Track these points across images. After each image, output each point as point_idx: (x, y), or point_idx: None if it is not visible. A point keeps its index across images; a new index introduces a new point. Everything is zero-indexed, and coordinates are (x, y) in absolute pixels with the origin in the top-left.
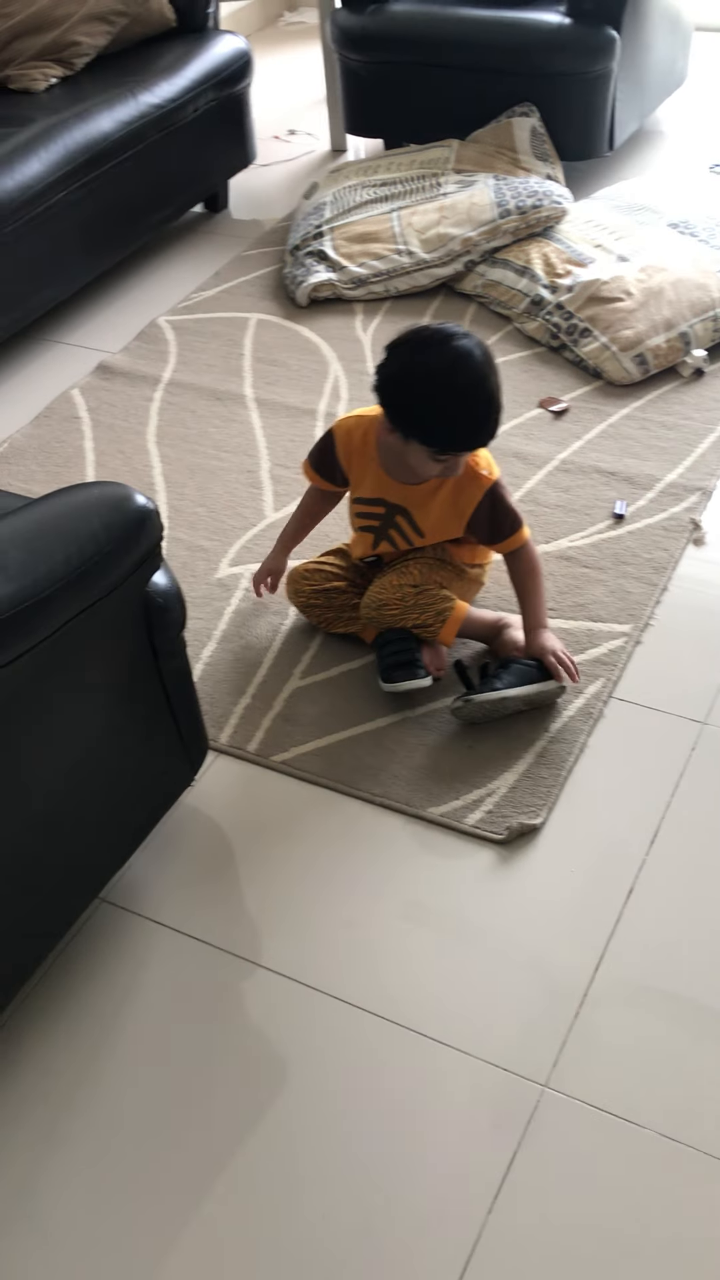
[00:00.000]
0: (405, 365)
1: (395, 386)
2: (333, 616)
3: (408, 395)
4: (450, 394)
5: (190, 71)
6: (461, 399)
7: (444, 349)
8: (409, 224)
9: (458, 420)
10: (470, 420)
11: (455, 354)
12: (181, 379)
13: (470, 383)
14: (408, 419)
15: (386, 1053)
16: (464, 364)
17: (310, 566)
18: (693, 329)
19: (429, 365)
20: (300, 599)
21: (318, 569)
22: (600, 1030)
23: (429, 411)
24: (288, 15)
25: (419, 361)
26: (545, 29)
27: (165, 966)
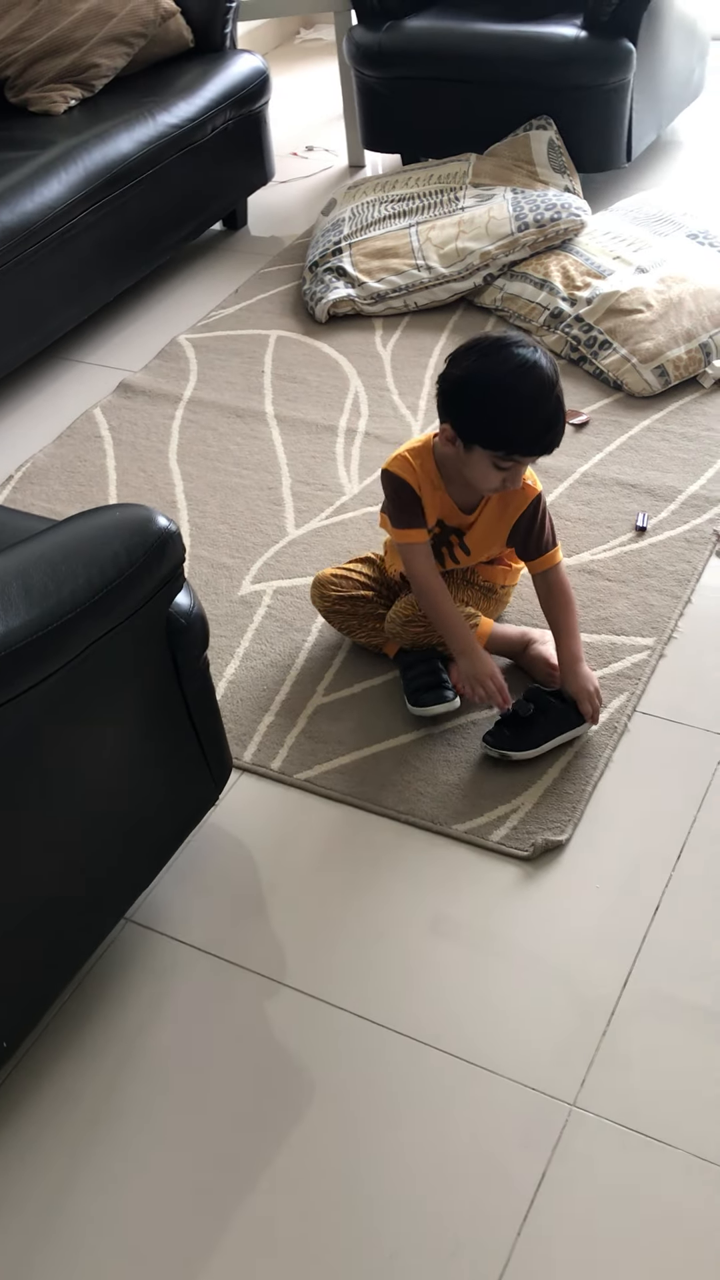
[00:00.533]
0: (474, 369)
1: (463, 390)
2: (356, 625)
3: (477, 397)
4: (520, 394)
5: (208, 91)
6: (531, 399)
7: (513, 353)
8: (427, 239)
9: (527, 421)
10: (539, 421)
11: (523, 358)
12: (202, 397)
13: (540, 384)
14: (476, 423)
15: (414, 1072)
16: (533, 367)
17: (339, 573)
18: (713, 340)
19: (499, 368)
20: (325, 604)
21: (345, 576)
22: (629, 1048)
23: (499, 413)
24: (304, 32)
25: (488, 365)
26: (562, 42)
27: (190, 986)
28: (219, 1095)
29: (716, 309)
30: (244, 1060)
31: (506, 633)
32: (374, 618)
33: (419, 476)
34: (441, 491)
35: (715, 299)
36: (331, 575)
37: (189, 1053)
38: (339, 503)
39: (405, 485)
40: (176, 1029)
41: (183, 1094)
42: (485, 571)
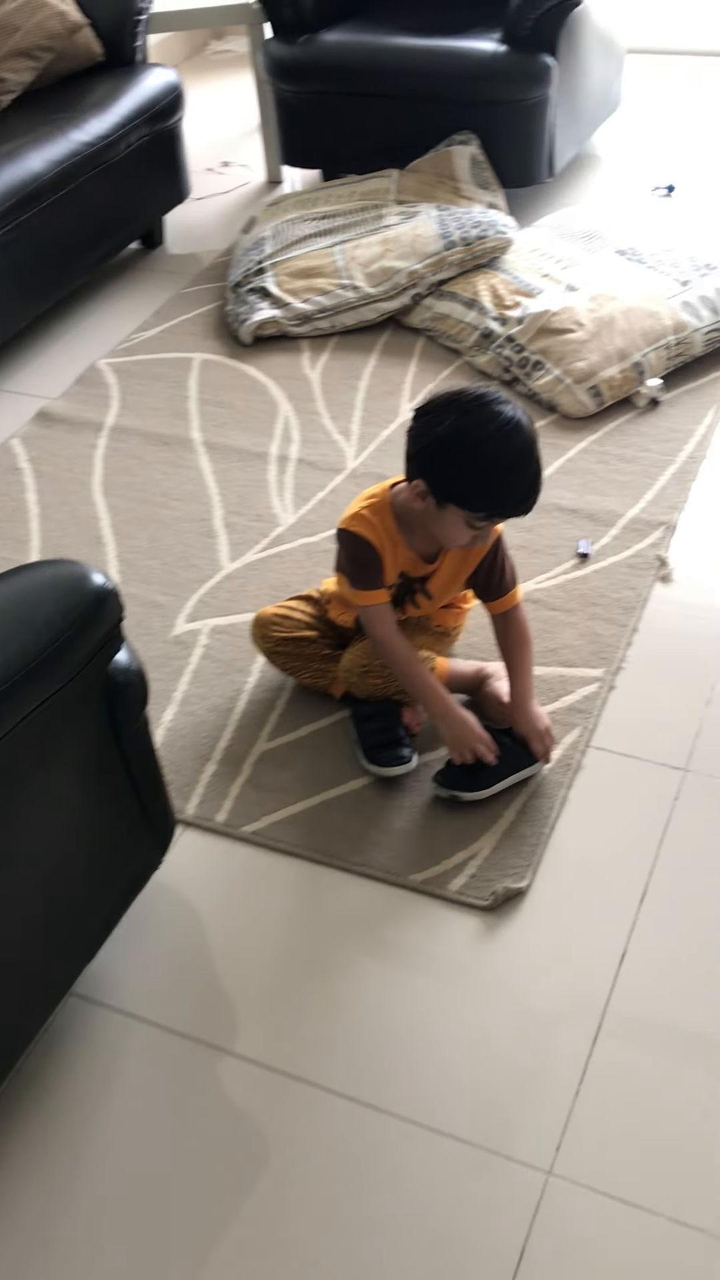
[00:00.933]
0: (457, 429)
1: (445, 450)
2: (300, 666)
3: (460, 459)
4: (505, 458)
5: (121, 107)
6: (517, 463)
7: (494, 411)
8: (352, 258)
9: (512, 485)
10: (524, 485)
11: (506, 417)
12: (126, 424)
13: (524, 446)
14: (456, 484)
15: (380, 1144)
16: (517, 429)
17: (281, 612)
18: (646, 358)
19: (482, 428)
20: (268, 645)
21: (287, 615)
22: (603, 1108)
23: (483, 476)
24: (214, 44)
25: (472, 424)
26: (481, 57)
27: (140, 1062)
28: (172, 1175)
29: (648, 327)
30: (198, 1139)
31: (462, 670)
32: (319, 658)
33: (380, 534)
34: (402, 546)
35: (646, 317)
36: (274, 614)
37: (140, 1132)
38: (275, 534)
39: (367, 545)
40: (126, 1108)
41: (135, 1176)
42: (439, 616)
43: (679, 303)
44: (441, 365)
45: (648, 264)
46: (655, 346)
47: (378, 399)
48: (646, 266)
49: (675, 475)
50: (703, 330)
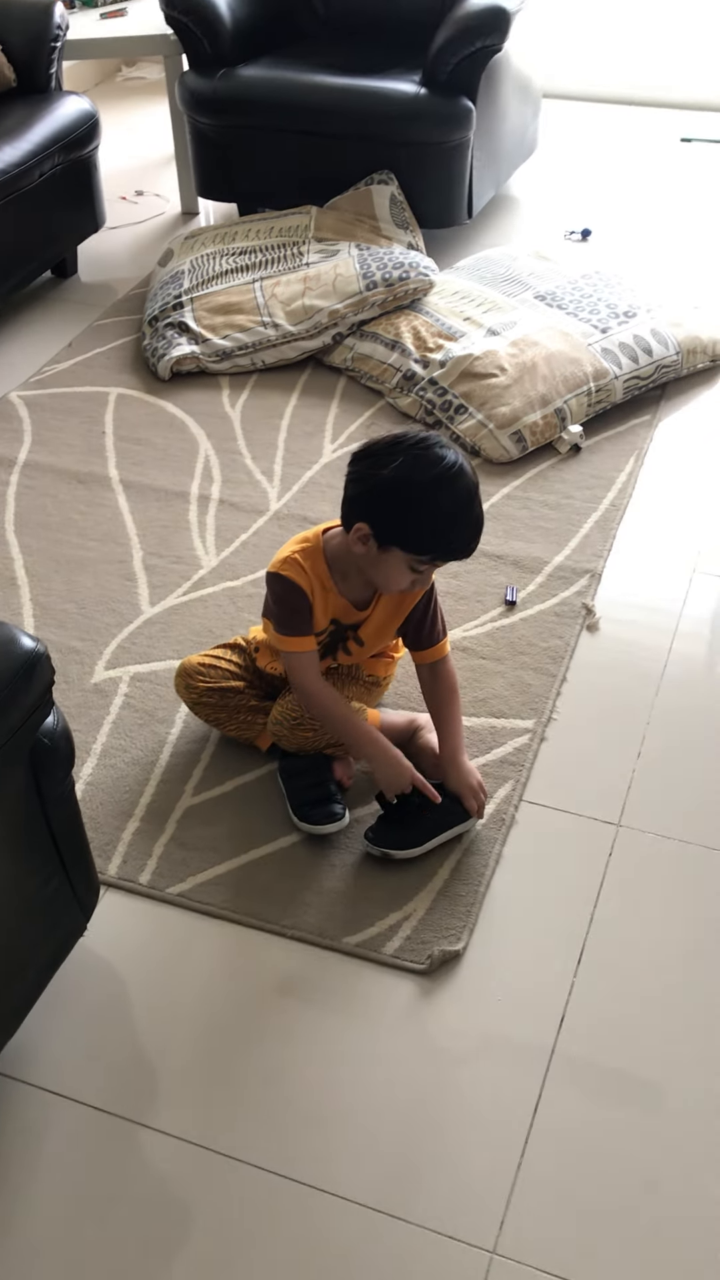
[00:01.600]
0: (403, 472)
1: (393, 493)
2: (225, 718)
3: (406, 502)
4: (452, 501)
5: (34, 135)
6: (462, 506)
7: (438, 454)
8: (273, 295)
9: (459, 527)
10: (470, 527)
11: (452, 462)
12: (39, 460)
13: (469, 489)
14: (403, 527)
15: (316, 1223)
16: (461, 472)
17: (206, 661)
18: (568, 404)
19: (427, 471)
20: (193, 695)
21: (214, 664)
22: (545, 1182)
23: (430, 519)
24: (125, 70)
25: (418, 468)
26: (401, 99)
27: (63, 1141)
28: (96, 1257)
29: (570, 373)
30: (123, 1218)
31: (394, 721)
32: (246, 709)
33: (311, 580)
34: (333, 593)
35: (567, 363)
36: (199, 664)
37: (61, 1212)
38: (196, 576)
39: (297, 590)
40: (46, 1186)
41: (57, 1254)
42: (369, 665)
43: (599, 349)
44: (363, 406)
45: (567, 309)
46: (576, 393)
47: (299, 439)
48: (566, 313)
49: (598, 522)
50: (622, 378)
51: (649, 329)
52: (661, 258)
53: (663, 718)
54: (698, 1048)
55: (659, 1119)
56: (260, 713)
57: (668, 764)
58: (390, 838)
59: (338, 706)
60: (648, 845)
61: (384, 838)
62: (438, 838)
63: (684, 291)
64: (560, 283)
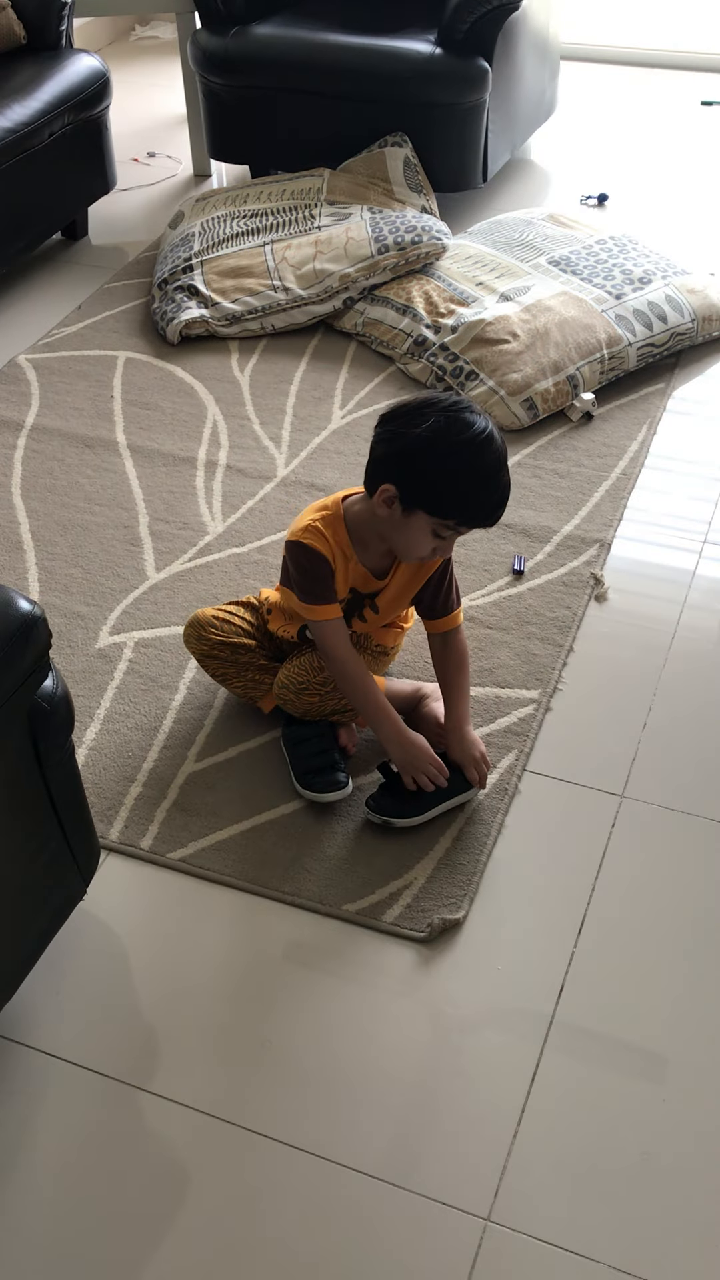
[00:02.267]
0: (437, 432)
1: (424, 452)
2: (234, 674)
3: (438, 464)
4: (483, 464)
5: (44, 94)
6: (492, 471)
7: (472, 421)
8: (283, 258)
9: (487, 492)
10: (498, 494)
11: (484, 426)
12: (46, 424)
13: (499, 455)
14: (432, 489)
15: (310, 1189)
16: (492, 438)
17: (220, 615)
18: (580, 372)
19: (461, 434)
20: (203, 646)
21: (226, 619)
22: (541, 1150)
23: (460, 481)
24: (139, 29)
25: (452, 430)
26: (416, 59)
27: (61, 1104)
28: (94, 1219)
29: (583, 340)
30: (123, 1186)
31: (400, 690)
32: (254, 668)
33: (332, 548)
34: (354, 561)
35: (581, 330)
36: (212, 616)
37: (59, 1174)
38: (202, 543)
39: (320, 558)
40: (45, 1149)
41: (55, 1215)
42: (379, 634)
43: (613, 316)
44: (373, 372)
45: (582, 275)
46: (589, 360)
47: (308, 405)
48: (580, 278)
49: (609, 491)
50: (636, 345)
51: (664, 295)
52: (679, 223)
53: (669, 689)
54: (696, 1019)
55: (656, 1089)
56: (268, 673)
57: (673, 736)
58: (391, 806)
59: (364, 679)
60: (651, 816)
61: (385, 806)
62: (439, 807)
63: (701, 258)
64: (575, 248)
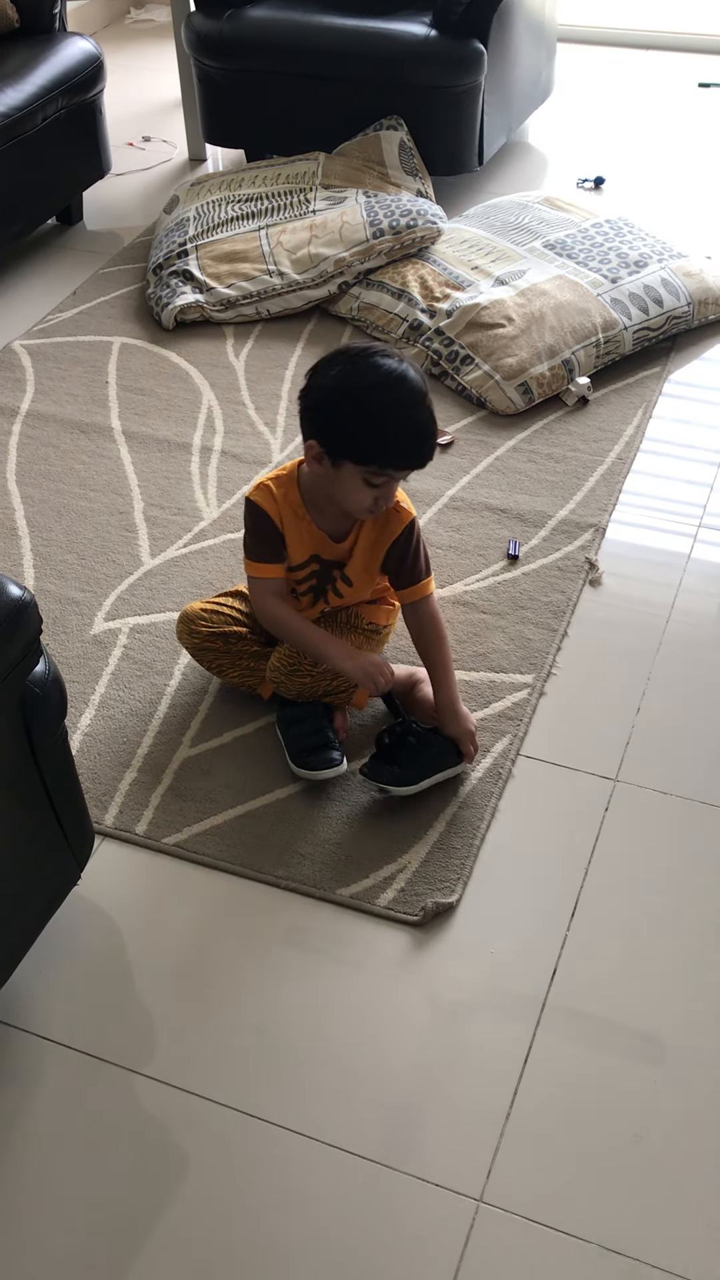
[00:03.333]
0: (342, 379)
1: (332, 401)
2: (228, 664)
3: (347, 409)
4: (392, 404)
5: (37, 77)
6: (405, 409)
7: (380, 362)
8: (278, 243)
9: (400, 432)
10: (413, 432)
11: (391, 367)
12: (41, 410)
13: (411, 393)
14: (346, 436)
15: (307, 1170)
16: (404, 376)
17: (209, 607)
18: (576, 356)
19: (367, 377)
20: (195, 640)
21: (216, 610)
22: (533, 1131)
23: (370, 424)
24: (134, 12)
25: (357, 374)
26: (411, 41)
27: (56, 1087)
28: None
29: (578, 324)
30: (117, 1169)
31: (396, 674)
32: (247, 656)
33: (280, 507)
34: (307, 522)
35: (576, 313)
36: (201, 609)
37: (54, 1157)
38: (197, 529)
39: (263, 515)
40: (39, 1132)
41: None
42: (368, 612)
43: (609, 299)
44: None
45: (577, 259)
46: (585, 344)
47: None
48: (577, 262)
49: (604, 476)
50: (632, 329)
51: (660, 279)
52: (675, 207)
53: (664, 674)
54: (689, 1001)
55: (648, 1072)
56: (262, 659)
57: (667, 720)
58: (386, 774)
59: (296, 621)
60: (645, 800)
61: (380, 773)
62: (433, 777)
63: (697, 241)
64: (571, 231)
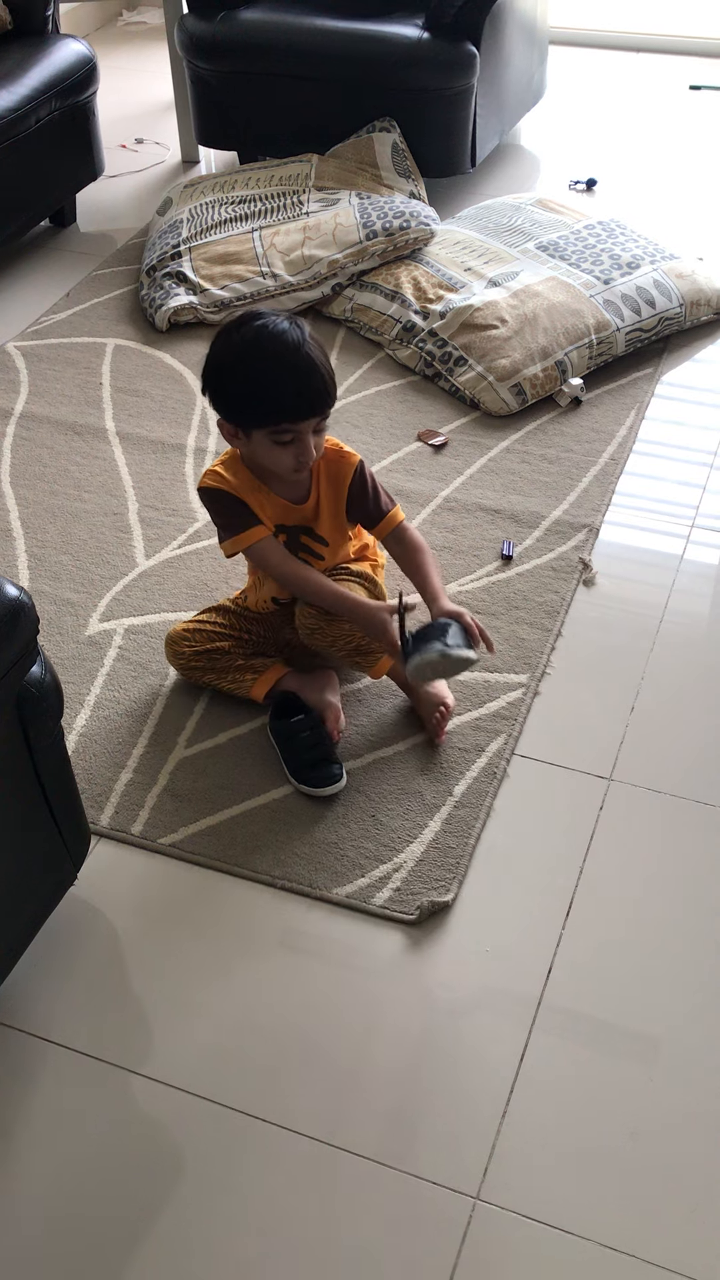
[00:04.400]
0: (218, 351)
1: (215, 375)
2: (216, 676)
3: (225, 375)
4: (268, 357)
5: (31, 79)
6: (279, 359)
7: (250, 323)
8: (272, 244)
9: (278, 381)
10: (289, 379)
11: (262, 325)
12: (35, 411)
13: (283, 344)
14: (234, 403)
15: (300, 1168)
16: (272, 331)
17: (190, 627)
18: (569, 357)
19: (240, 341)
20: (181, 661)
21: (197, 629)
22: (529, 1129)
23: (247, 382)
24: (126, 15)
25: (229, 342)
26: (404, 43)
27: (53, 1086)
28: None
29: (571, 325)
30: (117, 1168)
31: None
32: (233, 669)
33: (236, 484)
34: (265, 493)
35: (569, 314)
36: (183, 630)
37: (52, 1157)
38: (192, 529)
39: (220, 493)
40: (38, 1137)
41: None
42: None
43: (601, 301)
44: (363, 357)
45: (570, 260)
46: (577, 345)
47: None
48: (569, 263)
49: (597, 476)
50: (624, 330)
51: (652, 280)
52: (667, 208)
53: (657, 674)
54: (684, 999)
55: (643, 1070)
56: (249, 670)
57: (661, 719)
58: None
59: (314, 576)
60: (639, 799)
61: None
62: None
63: (689, 243)
64: (564, 233)
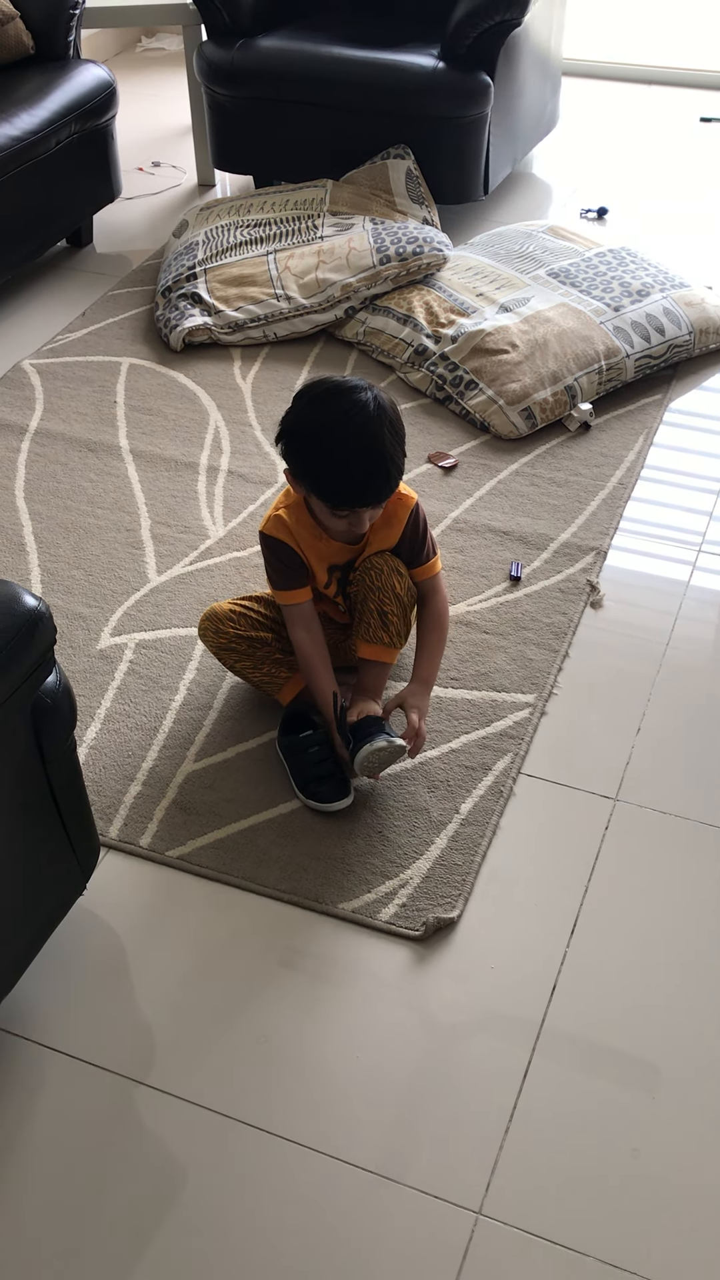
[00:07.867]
0: (299, 415)
1: (289, 437)
2: (250, 666)
3: (297, 446)
4: (337, 446)
5: (51, 103)
6: (348, 451)
7: (338, 400)
8: (286, 267)
9: (342, 476)
10: (354, 477)
11: (348, 406)
12: (50, 428)
13: (358, 436)
14: (300, 472)
15: (307, 1181)
16: (354, 416)
17: (237, 609)
18: (578, 382)
19: (320, 416)
20: (221, 640)
21: (245, 613)
22: (531, 1146)
23: (315, 465)
24: (145, 40)
25: (313, 413)
26: (419, 73)
27: (59, 1096)
28: (90, 1210)
29: (581, 350)
30: (120, 1180)
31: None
32: (270, 661)
33: (295, 533)
34: (324, 540)
35: (579, 341)
36: (229, 610)
37: (56, 1166)
38: (204, 546)
39: (283, 546)
40: (42, 1140)
41: (51, 1205)
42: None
43: (611, 327)
44: (374, 380)
45: (581, 287)
46: (587, 371)
47: None
48: (580, 290)
49: (606, 500)
50: (634, 356)
51: (662, 308)
52: (676, 238)
53: (663, 696)
54: (687, 1019)
55: (646, 1089)
56: (284, 666)
57: (667, 741)
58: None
59: (314, 660)
60: (644, 820)
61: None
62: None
63: (698, 271)
64: (574, 260)
